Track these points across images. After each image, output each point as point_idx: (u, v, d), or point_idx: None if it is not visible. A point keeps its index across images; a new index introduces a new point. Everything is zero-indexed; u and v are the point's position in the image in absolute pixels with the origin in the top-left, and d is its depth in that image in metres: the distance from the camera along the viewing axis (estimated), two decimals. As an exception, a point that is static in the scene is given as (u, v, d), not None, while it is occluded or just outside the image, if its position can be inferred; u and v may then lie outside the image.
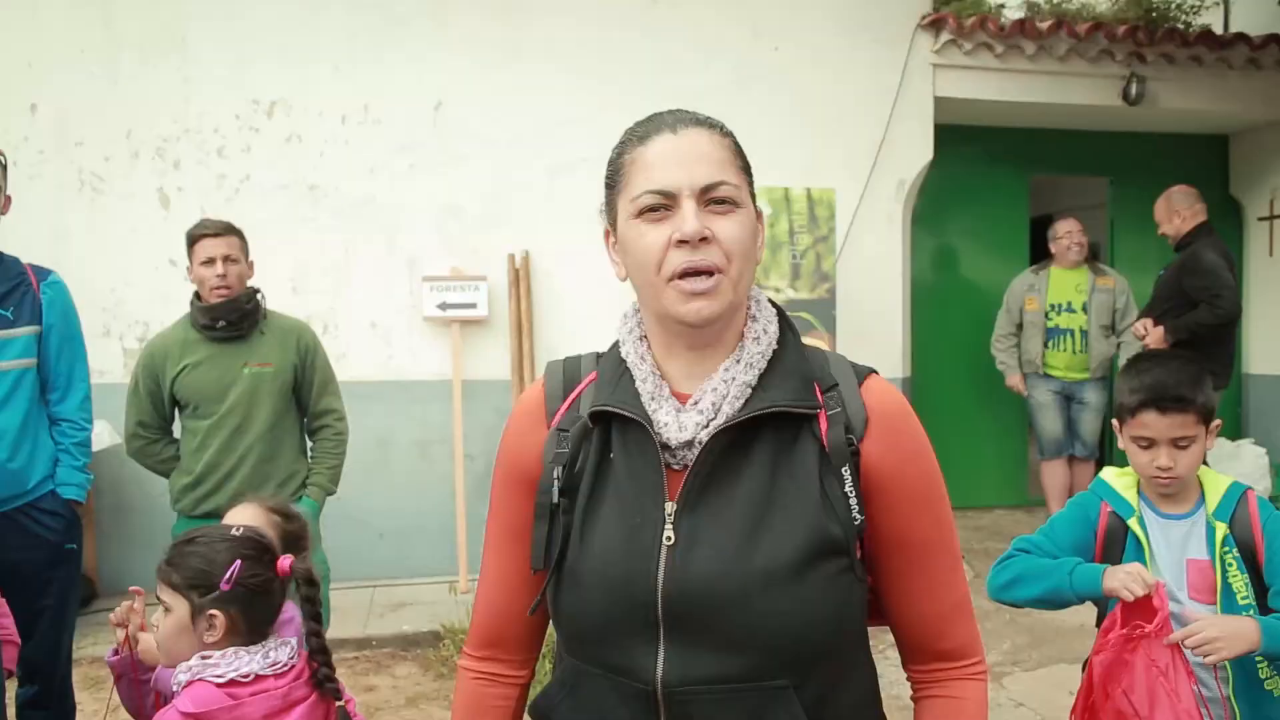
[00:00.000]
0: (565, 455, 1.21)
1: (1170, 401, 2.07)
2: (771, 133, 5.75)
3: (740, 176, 1.19)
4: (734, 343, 1.22)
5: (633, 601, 1.13)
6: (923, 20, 6.06)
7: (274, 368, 3.35)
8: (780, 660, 1.12)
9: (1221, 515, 2.08)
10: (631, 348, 1.25)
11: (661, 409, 1.19)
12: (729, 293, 1.15)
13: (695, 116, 1.20)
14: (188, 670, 1.70)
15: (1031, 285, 6.17)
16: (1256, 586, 2.05)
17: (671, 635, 1.13)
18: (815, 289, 5.49)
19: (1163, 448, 2.08)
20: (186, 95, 5.39)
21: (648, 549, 1.14)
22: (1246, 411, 7.31)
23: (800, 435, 1.18)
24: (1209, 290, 5.15)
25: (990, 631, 4.78)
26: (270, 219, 5.31)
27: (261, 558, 1.77)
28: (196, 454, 3.32)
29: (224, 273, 3.27)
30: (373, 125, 5.53)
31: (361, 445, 5.07)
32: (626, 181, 1.19)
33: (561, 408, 1.27)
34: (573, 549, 1.18)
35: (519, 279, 5.55)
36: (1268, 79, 6.57)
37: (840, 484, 1.17)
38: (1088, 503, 2.27)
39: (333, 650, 4.61)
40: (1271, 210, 7.07)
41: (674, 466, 1.18)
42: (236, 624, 1.73)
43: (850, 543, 1.17)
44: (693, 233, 1.12)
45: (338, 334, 5.45)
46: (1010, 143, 6.94)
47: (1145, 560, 2.12)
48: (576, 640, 1.21)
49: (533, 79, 5.63)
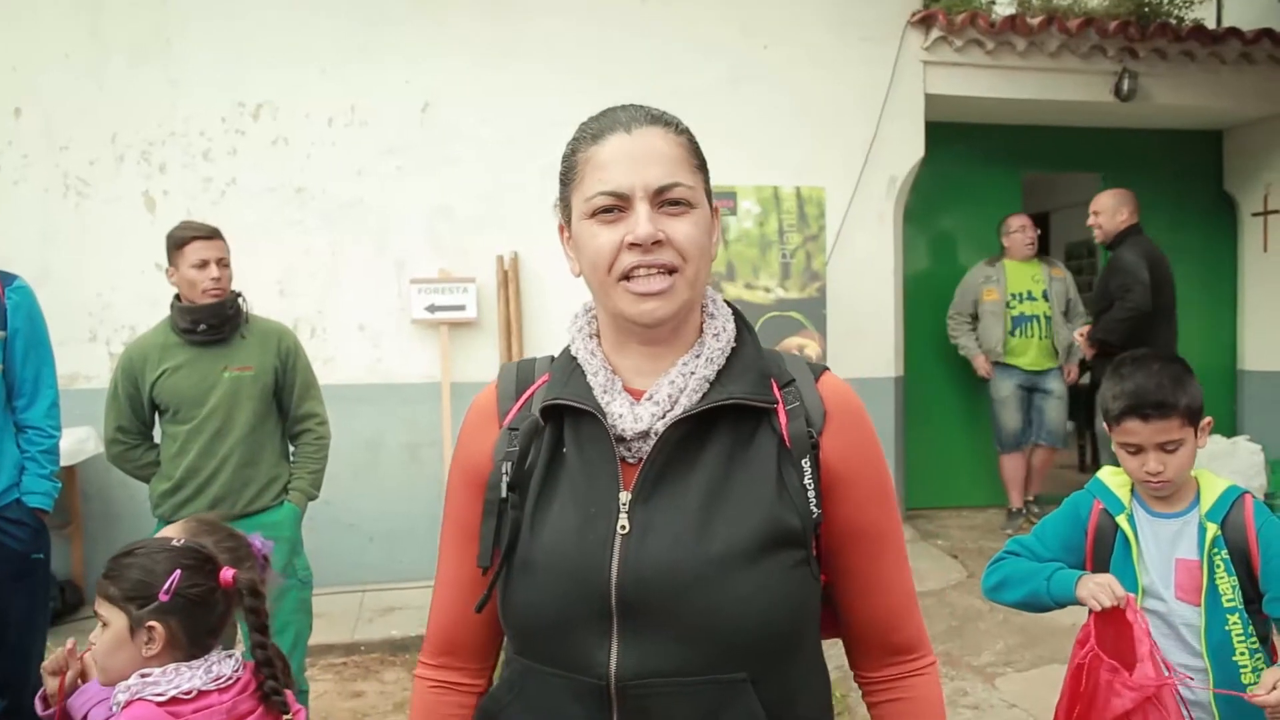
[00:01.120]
0: (514, 452, 1.20)
1: (1151, 408, 2.05)
2: (762, 131, 5.74)
3: (695, 176, 1.18)
4: (690, 340, 1.22)
5: (586, 592, 1.12)
6: (913, 17, 6.03)
7: (254, 371, 3.32)
8: (736, 651, 1.11)
9: (1214, 516, 2.06)
10: (582, 344, 1.25)
11: (615, 401, 1.19)
12: (684, 292, 1.16)
13: (650, 113, 1.20)
14: (126, 690, 1.65)
15: (988, 276, 6.35)
16: (1247, 590, 2.03)
17: (626, 626, 1.11)
18: (805, 288, 5.45)
19: (1151, 453, 2.07)
20: (172, 98, 5.37)
21: (602, 538, 1.13)
22: (1241, 408, 7.27)
23: (759, 429, 1.19)
24: (1123, 287, 5.32)
25: (983, 632, 4.76)
26: (257, 222, 5.29)
27: (202, 568, 1.72)
28: (176, 459, 3.28)
29: (219, 275, 3.26)
30: (360, 127, 5.50)
31: (350, 448, 5.07)
32: (580, 180, 1.18)
33: (514, 407, 1.27)
34: (523, 541, 1.17)
35: (508, 280, 5.52)
36: (1260, 74, 6.54)
37: (800, 476, 1.17)
38: (1080, 501, 2.28)
39: (321, 655, 4.60)
40: (1265, 206, 7.03)
41: (628, 459, 1.17)
42: (176, 636, 1.69)
43: (807, 535, 1.17)
44: (645, 236, 1.12)
45: (326, 337, 5.43)
46: (1002, 140, 6.90)
47: (1133, 558, 2.13)
48: (527, 636, 1.18)
49: (522, 79, 5.60)
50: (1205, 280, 7.33)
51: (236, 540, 1.84)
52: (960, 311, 6.48)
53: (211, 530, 1.83)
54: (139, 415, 3.35)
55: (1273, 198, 6.98)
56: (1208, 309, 7.33)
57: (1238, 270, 7.34)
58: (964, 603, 5.12)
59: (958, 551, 6.03)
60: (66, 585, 4.97)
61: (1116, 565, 2.15)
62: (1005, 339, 6.24)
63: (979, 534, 6.40)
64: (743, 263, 5.37)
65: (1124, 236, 5.49)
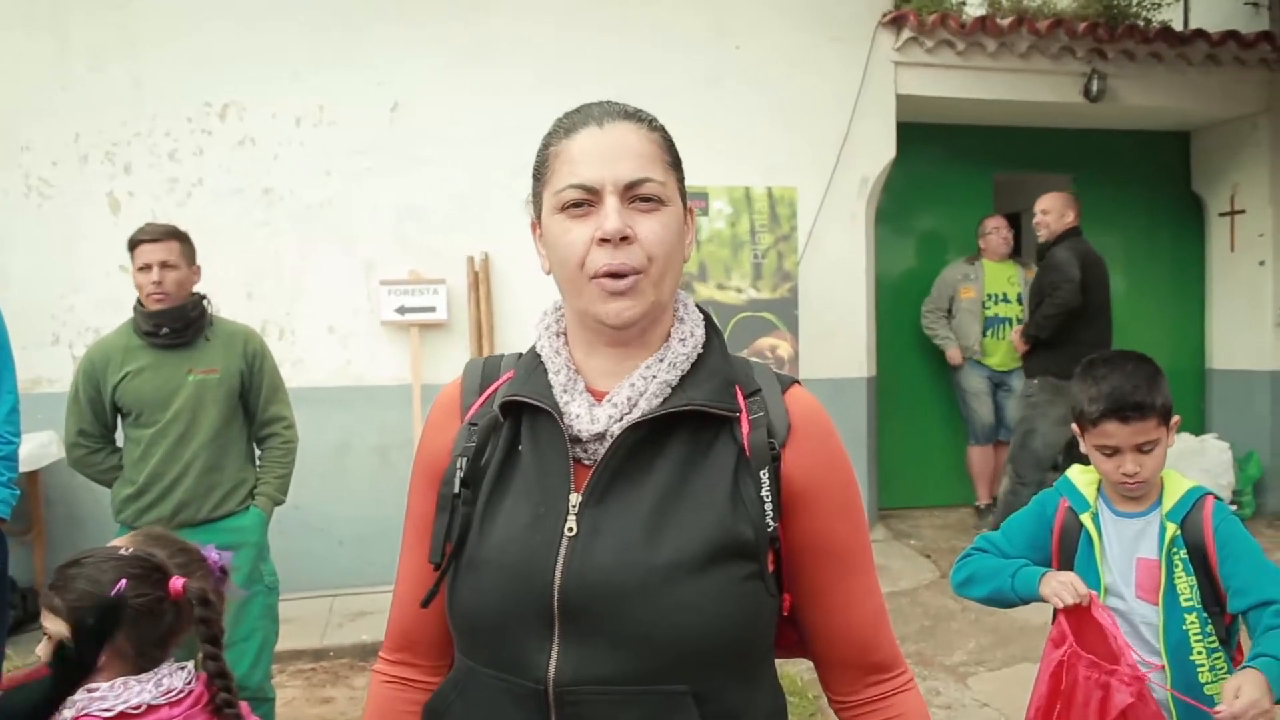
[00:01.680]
0: (472, 447, 1.18)
1: (1131, 409, 2.05)
2: (734, 131, 5.73)
3: (668, 173, 1.17)
4: (657, 343, 1.20)
5: (529, 593, 1.09)
6: (884, 18, 6.04)
7: (219, 375, 3.26)
8: (679, 662, 1.08)
9: (1174, 517, 2.07)
10: (547, 342, 1.23)
11: (574, 401, 1.16)
12: (650, 293, 1.14)
13: (624, 109, 1.18)
14: (72, 706, 1.60)
15: (966, 275, 6.50)
16: (1206, 591, 2.04)
17: (567, 630, 1.08)
18: (777, 289, 5.45)
19: (1127, 454, 2.08)
20: (137, 98, 5.29)
21: (548, 539, 1.11)
22: (1210, 406, 7.34)
23: (719, 438, 1.16)
24: (1053, 284, 5.48)
25: (955, 631, 4.77)
26: (224, 223, 5.22)
27: (149, 577, 1.67)
28: (139, 464, 3.22)
29: (159, 279, 3.17)
30: (328, 127, 5.45)
31: (320, 451, 5.02)
32: (551, 174, 1.16)
33: (476, 403, 1.25)
34: (472, 538, 1.15)
35: (479, 282, 5.48)
36: (1226, 75, 6.61)
37: (757, 487, 1.14)
38: (1047, 499, 2.30)
39: (289, 661, 4.55)
40: (1232, 206, 7.10)
41: (584, 461, 1.15)
42: (122, 648, 1.65)
43: (761, 549, 1.13)
44: (613, 231, 1.10)
45: (294, 339, 5.37)
46: (973, 140, 6.93)
47: (1096, 556, 2.14)
48: (470, 636, 1.16)
49: (493, 80, 5.56)
50: (1174, 279, 7.41)
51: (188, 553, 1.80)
52: (937, 306, 6.59)
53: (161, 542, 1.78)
54: (101, 419, 3.29)
55: (1239, 198, 7.05)
56: (1176, 308, 7.40)
57: (1205, 270, 7.41)
58: (936, 602, 5.13)
59: (930, 551, 6.05)
60: (28, 593, 4.89)
61: (1080, 563, 2.16)
62: (980, 338, 6.39)
63: (951, 533, 6.42)
64: (715, 263, 5.36)
65: (1063, 237, 5.60)
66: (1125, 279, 7.43)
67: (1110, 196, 7.30)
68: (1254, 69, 6.66)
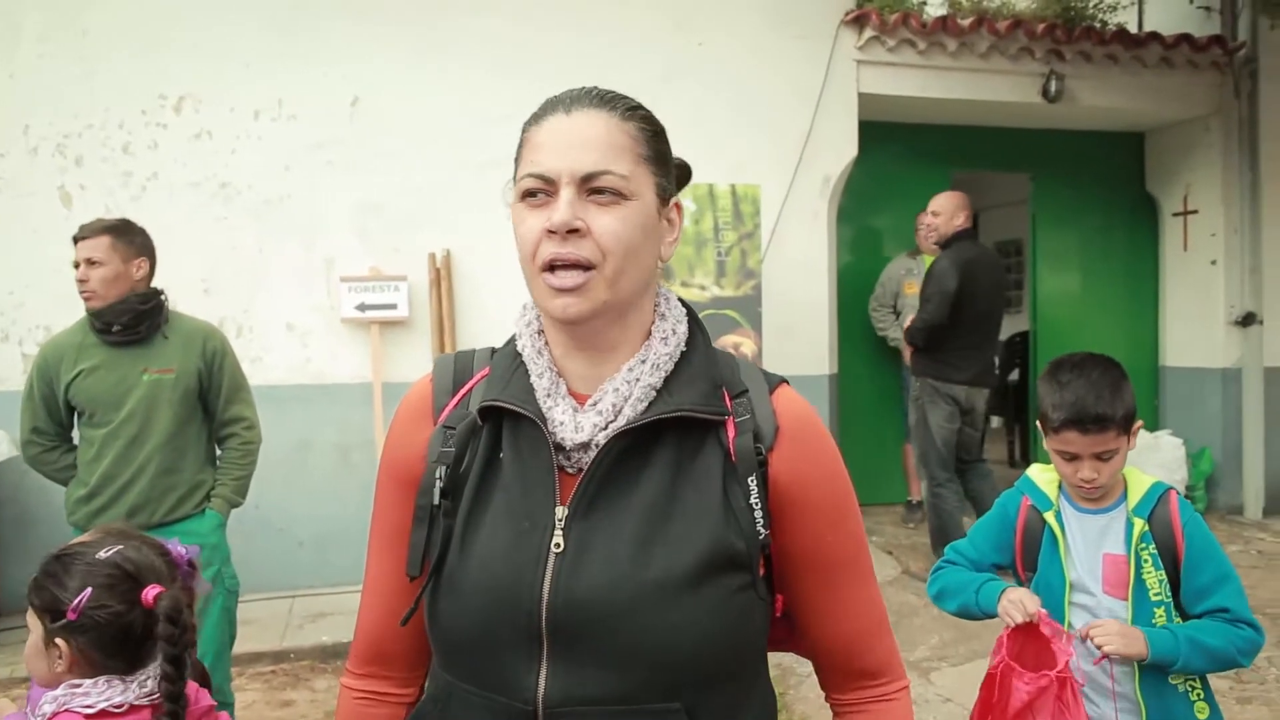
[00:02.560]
0: (450, 454, 1.12)
1: (1091, 421, 2.05)
2: (697, 129, 5.71)
3: (638, 166, 1.10)
4: (638, 342, 1.15)
5: (515, 612, 1.05)
6: (846, 16, 6.07)
7: (175, 374, 3.18)
8: (672, 680, 1.05)
9: (1141, 512, 2.09)
10: (529, 342, 1.17)
11: (558, 407, 1.11)
12: (602, 291, 1.07)
13: (599, 95, 1.12)
14: (53, 701, 1.58)
15: (909, 269, 6.53)
16: (1174, 585, 2.07)
17: (556, 650, 1.04)
18: (741, 286, 5.45)
19: (1086, 461, 2.09)
20: (89, 89, 5.17)
21: (534, 556, 1.06)
22: (1163, 403, 7.47)
23: (705, 443, 1.12)
24: (925, 297, 5.55)
25: (918, 627, 4.80)
26: (180, 218, 5.12)
27: (117, 587, 1.62)
28: (92, 464, 3.14)
29: (84, 277, 3.11)
30: (288, 121, 5.36)
31: (280, 450, 4.93)
32: (520, 160, 1.12)
33: (450, 404, 1.19)
34: (453, 554, 1.10)
35: (440, 278, 5.43)
36: (1180, 77, 6.72)
37: (745, 495, 1.10)
38: (1008, 500, 2.31)
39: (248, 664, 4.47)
40: (1185, 206, 7.23)
41: (568, 470, 1.10)
42: (88, 656, 1.61)
43: (752, 558, 1.10)
44: (560, 224, 1.05)
45: (252, 336, 5.28)
46: (933, 139, 7.00)
47: (1060, 554, 2.15)
48: (452, 654, 1.11)
49: (453, 75, 5.51)
50: (1128, 278, 7.53)
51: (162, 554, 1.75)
52: (882, 304, 6.65)
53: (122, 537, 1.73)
54: (55, 417, 3.21)
55: (1192, 198, 7.18)
56: (1131, 306, 7.53)
57: (1159, 268, 7.53)
58: (899, 598, 5.16)
59: (892, 548, 6.09)
60: (-22, 595, 4.77)
61: (1044, 561, 2.17)
62: None
63: (912, 530, 6.48)
64: (679, 261, 5.35)
65: (954, 240, 5.57)
66: (1081, 277, 7.56)
67: (1067, 196, 7.41)
68: (1206, 72, 6.78)
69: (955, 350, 5.45)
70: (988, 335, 5.56)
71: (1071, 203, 7.43)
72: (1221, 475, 6.96)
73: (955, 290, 5.35)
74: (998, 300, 5.62)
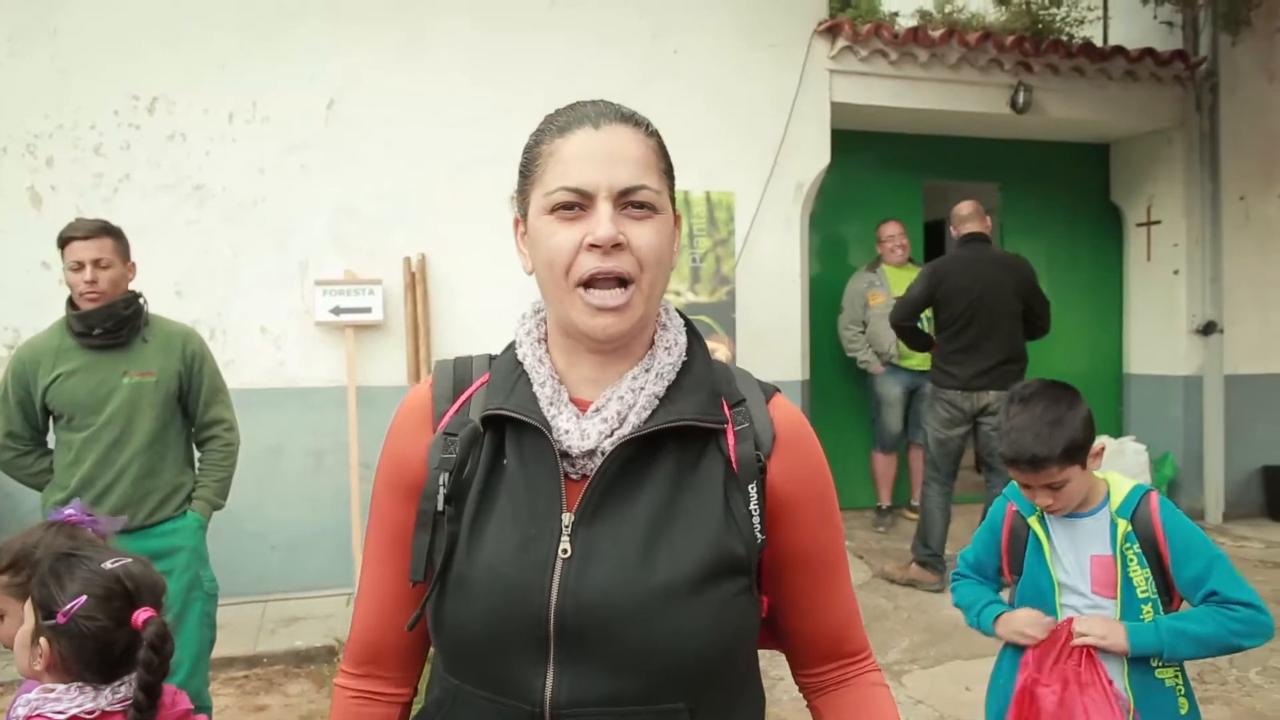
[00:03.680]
0: (452, 460, 1.14)
1: (1026, 462, 2.13)
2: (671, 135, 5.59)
3: (661, 180, 1.14)
4: (641, 351, 1.17)
5: (524, 615, 1.07)
6: (819, 26, 6.14)
7: (156, 377, 3.17)
8: (675, 681, 1.08)
9: (1124, 513, 2.16)
10: (530, 349, 1.18)
11: (561, 415, 1.13)
12: (640, 306, 1.11)
13: (620, 111, 1.15)
14: (26, 704, 1.58)
15: (871, 282, 6.61)
16: (1159, 583, 2.14)
17: (563, 653, 1.07)
18: (715, 292, 5.50)
19: (1037, 490, 2.17)
20: (60, 88, 5.12)
21: (542, 561, 1.08)
22: (1127, 410, 7.60)
23: (706, 451, 1.15)
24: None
25: (889, 630, 4.86)
26: (153, 220, 5.08)
27: (112, 602, 1.62)
28: (71, 468, 3.12)
29: (93, 278, 3.08)
30: (262, 123, 5.34)
31: (252, 455, 4.88)
32: (541, 173, 1.12)
33: (450, 410, 1.20)
34: (459, 558, 1.11)
35: (415, 282, 5.43)
36: (1144, 90, 6.86)
37: (746, 501, 1.14)
38: (997, 508, 2.38)
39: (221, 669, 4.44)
40: (1148, 217, 7.37)
41: (572, 476, 1.12)
42: (66, 661, 1.61)
43: (751, 563, 1.14)
44: (606, 238, 1.07)
45: (225, 340, 5.25)
46: (904, 148, 7.09)
47: (1046, 557, 2.22)
48: (458, 657, 1.13)
49: (428, 79, 5.51)
50: (1094, 287, 7.67)
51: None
52: (852, 320, 6.65)
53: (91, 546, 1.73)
54: (31, 421, 3.18)
55: (1155, 209, 7.32)
56: (1096, 315, 7.66)
57: (1124, 277, 7.67)
58: (870, 601, 5.22)
59: (863, 552, 6.16)
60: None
61: (1030, 564, 2.25)
62: (895, 342, 6.36)
63: (882, 535, 6.55)
64: (654, 266, 5.38)
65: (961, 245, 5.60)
66: (1047, 285, 7.58)
67: (1034, 205, 7.53)
68: (1169, 85, 6.92)
69: (946, 354, 5.49)
70: (984, 338, 5.38)
71: (1039, 212, 7.55)
72: (1183, 480, 7.09)
73: (918, 295, 5.46)
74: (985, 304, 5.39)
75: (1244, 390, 7.18)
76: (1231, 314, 7.14)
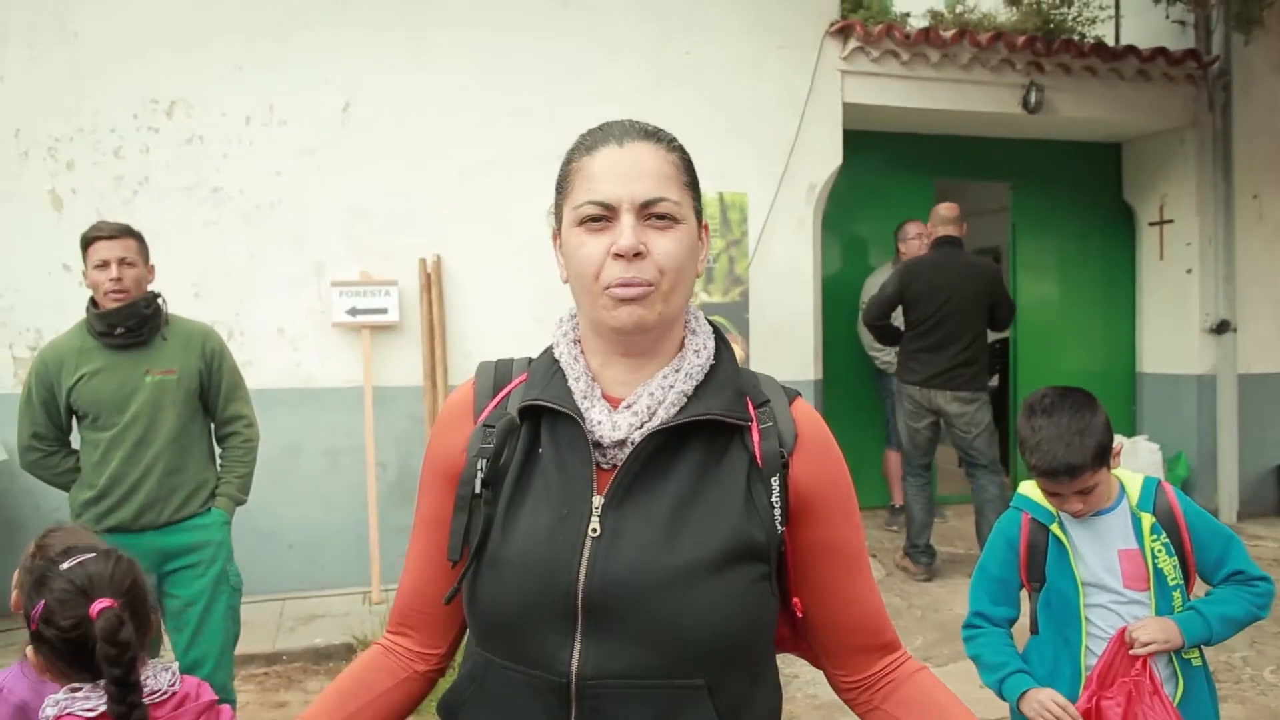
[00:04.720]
0: (490, 449, 1.22)
1: (1064, 473, 2.13)
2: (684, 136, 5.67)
3: (683, 192, 1.22)
4: (670, 354, 1.25)
5: (553, 590, 1.14)
6: (831, 27, 6.16)
7: (177, 374, 3.22)
8: (696, 658, 1.14)
9: (1145, 506, 2.19)
10: (565, 349, 1.27)
11: (594, 408, 1.21)
12: (659, 305, 1.18)
13: (644, 129, 1.23)
14: (55, 705, 1.61)
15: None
16: (1184, 568, 2.19)
17: (589, 627, 1.13)
18: (729, 293, 5.53)
19: (1069, 498, 2.18)
20: (79, 92, 5.18)
21: (572, 539, 1.15)
22: (1140, 409, 7.59)
23: (731, 446, 1.22)
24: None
25: (902, 628, 4.88)
26: (172, 223, 5.13)
27: (68, 603, 1.63)
28: (98, 467, 3.16)
29: (119, 276, 3.13)
30: (279, 126, 5.39)
31: (270, 454, 4.91)
32: (571, 189, 1.22)
33: (490, 405, 1.29)
34: (494, 538, 1.19)
35: (431, 283, 5.47)
36: (1156, 89, 6.86)
37: (768, 493, 1.20)
38: (1009, 522, 2.35)
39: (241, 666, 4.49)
40: (1161, 216, 7.37)
41: (603, 465, 1.20)
42: (52, 664, 1.64)
43: (770, 551, 1.20)
44: (628, 247, 1.15)
45: (243, 340, 5.29)
46: (916, 149, 7.11)
47: (1070, 560, 2.22)
48: (491, 630, 1.20)
49: (441, 81, 5.56)
50: (1106, 286, 7.67)
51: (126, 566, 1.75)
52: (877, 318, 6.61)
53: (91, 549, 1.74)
54: (55, 421, 3.23)
55: (1168, 208, 7.32)
56: (1109, 314, 7.66)
57: (1136, 276, 7.67)
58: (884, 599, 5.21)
59: (876, 551, 6.17)
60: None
61: (1054, 570, 2.24)
62: None
63: (895, 533, 6.57)
64: (667, 267, 5.41)
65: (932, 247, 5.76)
66: (1060, 284, 7.69)
67: (1046, 205, 7.54)
68: (1181, 85, 6.92)
69: (909, 352, 5.69)
70: (949, 340, 5.46)
71: (1051, 211, 7.56)
72: (1196, 479, 7.08)
73: (891, 294, 5.66)
74: (953, 307, 5.45)
75: (1257, 389, 7.18)
76: (1245, 313, 7.13)
